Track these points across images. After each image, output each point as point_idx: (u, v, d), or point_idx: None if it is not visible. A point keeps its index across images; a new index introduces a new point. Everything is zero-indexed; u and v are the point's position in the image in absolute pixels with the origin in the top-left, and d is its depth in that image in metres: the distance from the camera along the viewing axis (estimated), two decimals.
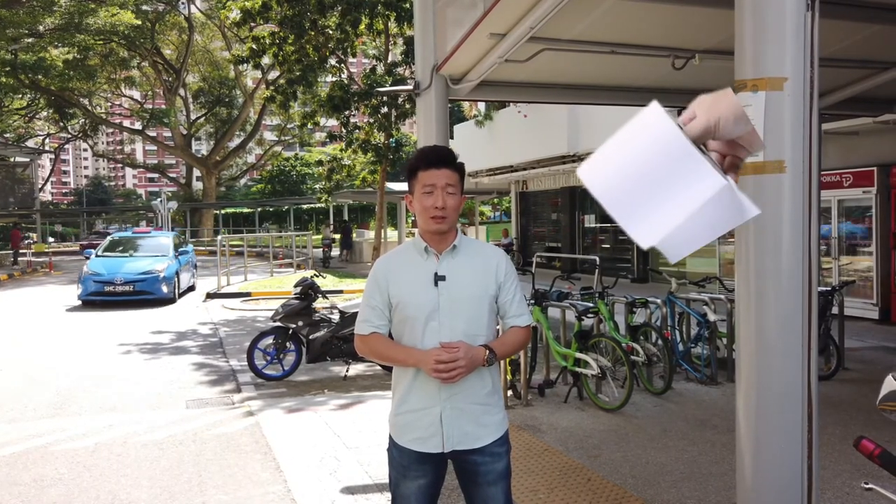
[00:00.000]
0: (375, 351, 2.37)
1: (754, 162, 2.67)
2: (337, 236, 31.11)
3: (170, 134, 43.93)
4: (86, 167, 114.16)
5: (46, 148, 50.37)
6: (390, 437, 2.43)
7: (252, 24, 16.28)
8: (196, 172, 47.07)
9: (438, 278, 2.30)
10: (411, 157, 2.44)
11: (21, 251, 29.79)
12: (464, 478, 2.41)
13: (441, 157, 2.34)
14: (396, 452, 2.39)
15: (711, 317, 6.87)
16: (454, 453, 2.34)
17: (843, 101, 7.04)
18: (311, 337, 7.59)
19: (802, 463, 2.72)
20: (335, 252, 29.00)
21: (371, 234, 28.37)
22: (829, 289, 7.23)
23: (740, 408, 2.86)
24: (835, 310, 7.28)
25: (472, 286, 2.33)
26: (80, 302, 15.01)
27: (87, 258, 16.43)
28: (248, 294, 15.79)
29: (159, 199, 32.62)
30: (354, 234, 29.93)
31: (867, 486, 1.64)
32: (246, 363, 7.75)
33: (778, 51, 2.64)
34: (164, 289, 14.93)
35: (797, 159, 2.65)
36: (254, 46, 15.71)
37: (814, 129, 2.67)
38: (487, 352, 2.29)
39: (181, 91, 42.02)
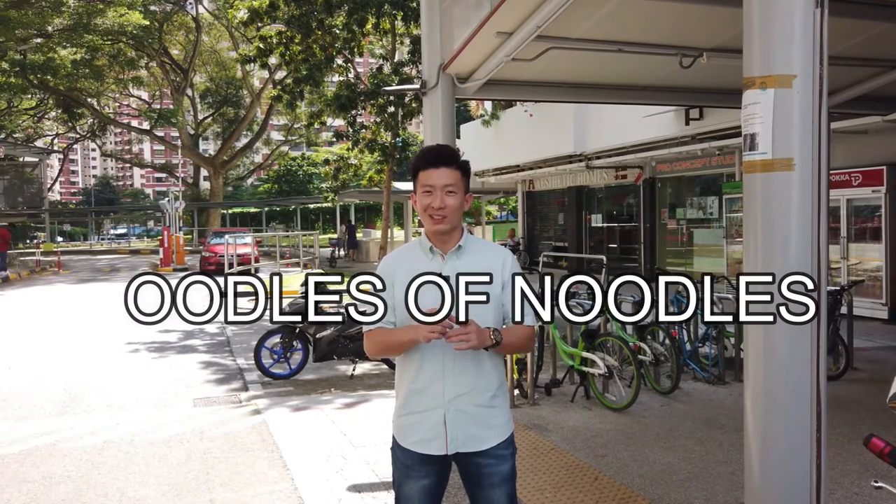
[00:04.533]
0: (377, 341, 2.32)
1: (763, 159, 2.66)
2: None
3: (177, 134, 44.00)
4: (94, 167, 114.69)
5: (55, 148, 50.61)
6: (393, 438, 2.41)
7: (259, 23, 16.35)
8: (203, 172, 47.18)
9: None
10: (413, 159, 2.41)
11: (31, 252, 29.86)
12: (468, 480, 2.39)
13: (440, 157, 2.30)
14: (400, 453, 2.37)
15: None
16: (458, 455, 2.31)
17: (852, 100, 6.99)
18: (317, 336, 7.61)
19: (811, 462, 2.71)
20: (341, 251, 29.01)
21: (377, 233, 28.38)
22: (837, 288, 7.19)
23: (748, 407, 2.84)
24: (843, 309, 7.24)
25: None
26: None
27: None
28: None
29: (167, 199, 32.73)
30: (360, 234, 29.94)
31: (877, 485, 1.63)
32: (253, 362, 7.77)
33: (786, 48, 2.62)
34: None
35: (806, 157, 2.63)
36: (261, 46, 15.76)
37: (823, 127, 2.66)
38: (493, 330, 2.20)
39: (188, 91, 42.12)
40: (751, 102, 2.68)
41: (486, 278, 2.25)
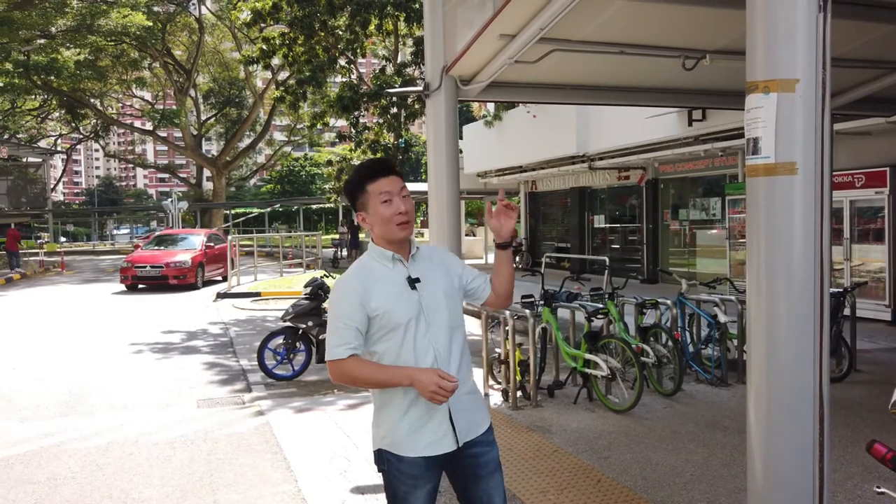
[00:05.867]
0: (356, 375, 2.27)
1: (766, 164, 2.67)
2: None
3: (180, 134, 44.10)
4: (97, 167, 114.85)
5: (58, 148, 50.71)
6: (389, 454, 2.33)
7: (262, 24, 16.36)
8: (206, 173, 47.27)
9: (414, 281, 2.33)
10: (351, 176, 2.40)
11: (33, 252, 29.93)
12: (464, 476, 2.39)
13: (386, 166, 2.37)
14: (405, 465, 2.30)
15: (722, 318, 6.84)
16: (455, 451, 2.34)
17: (855, 102, 7.00)
18: (320, 337, 7.62)
19: (813, 465, 2.71)
20: (343, 252, 29.04)
21: None
22: (840, 290, 7.19)
23: (751, 409, 2.85)
24: (847, 311, 7.24)
25: (443, 282, 2.39)
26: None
27: None
28: (258, 294, 15.85)
29: (170, 199, 32.82)
30: (362, 234, 29.93)
31: (879, 490, 1.64)
32: (256, 363, 7.78)
33: (789, 52, 2.63)
34: None
35: (809, 161, 2.64)
36: (264, 47, 15.77)
37: (826, 131, 2.66)
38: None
39: (191, 92, 42.17)
40: (754, 107, 2.69)
41: (445, 272, 2.42)
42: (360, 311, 2.28)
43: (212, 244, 20.07)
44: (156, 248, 19.64)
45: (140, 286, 18.03)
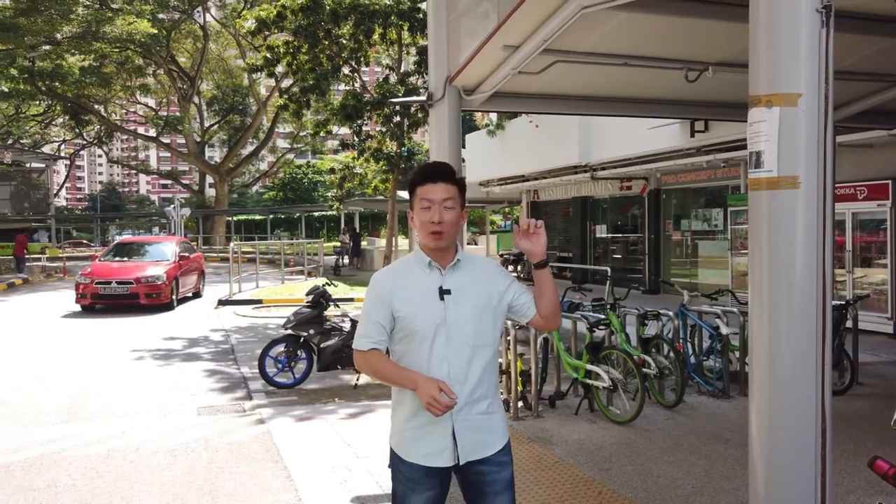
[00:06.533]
0: (373, 368, 2.36)
1: (769, 177, 2.68)
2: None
3: (183, 141, 44.27)
4: (100, 173, 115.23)
5: (62, 154, 50.90)
6: (394, 453, 2.41)
7: (266, 33, 16.46)
8: (209, 179, 47.43)
9: (444, 292, 2.32)
10: (411, 176, 2.46)
11: (36, 257, 29.96)
12: (471, 490, 2.40)
13: (438, 172, 2.36)
14: (404, 468, 2.37)
15: (724, 330, 6.84)
16: (461, 466, 2.34)
17: (857, 114, 7.02)
18: (322, 345, 7.62)
19: (816, 478, 2.71)
20: (345, 259, 29.08)
21: (382, 242, 28.43)
22: (843, 302, 7.18)
23: (753, 422, 2.85)
24: (849, 324, 7.22)
25: (477, 298, 2.36)
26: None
27: None
28: (259, 301, 15.85)
29: (172, 206, 32.89)
30: (365, 242, 29.98)
31: None
32: (257, 370, 7.78)
33: (792, 67, 2.64)
34: None
35: (811, 175, 2.65)
36: (268, 55, 15.88)
37: (828, 145, 2.67)
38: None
39: (195, 98, 42.40)
40: (756, 120, 2.70)
41: (483, 289, 2.37)
42: (385, 308, 2.34)
43: (186, 254, 16.93)
44: (117, 259, 16.20)
45: (97, 307, 14.65)
